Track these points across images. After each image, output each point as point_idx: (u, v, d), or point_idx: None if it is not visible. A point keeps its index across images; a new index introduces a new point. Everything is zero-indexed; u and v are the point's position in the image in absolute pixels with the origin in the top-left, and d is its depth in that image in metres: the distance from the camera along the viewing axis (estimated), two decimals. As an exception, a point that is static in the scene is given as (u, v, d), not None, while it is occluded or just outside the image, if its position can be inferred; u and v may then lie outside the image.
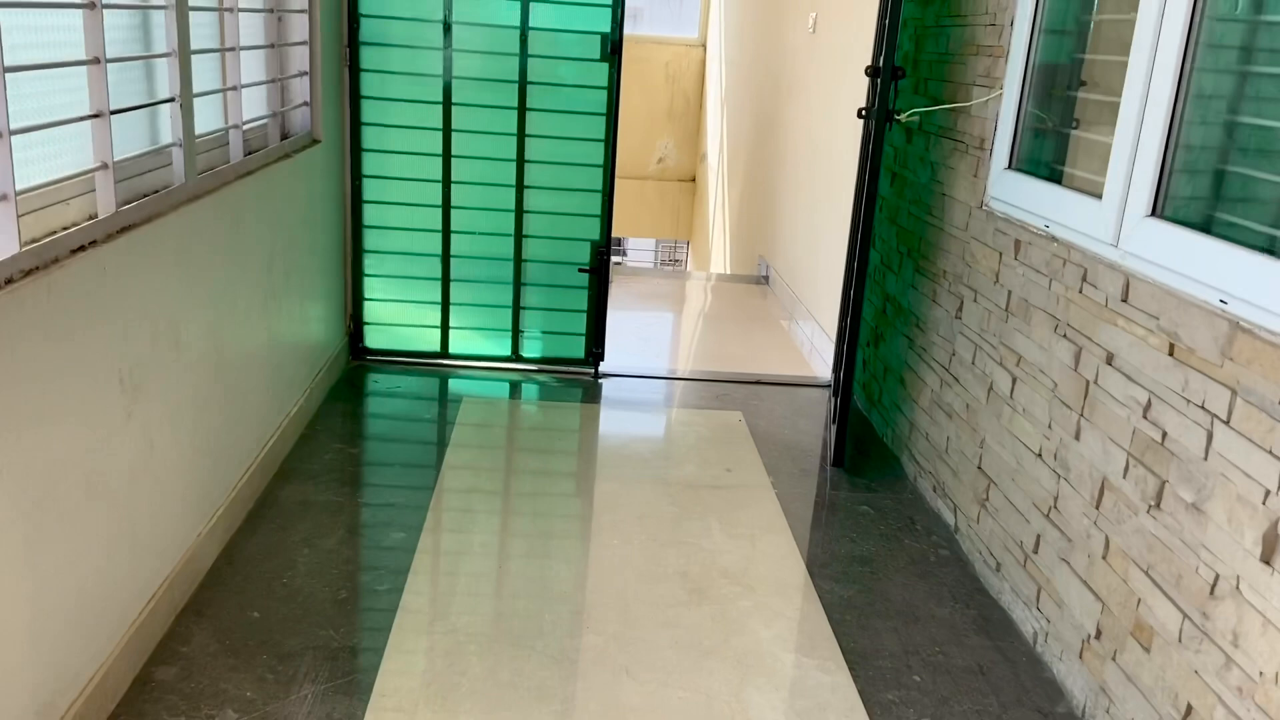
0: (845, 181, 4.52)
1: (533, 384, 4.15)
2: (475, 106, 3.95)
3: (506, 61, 3.92)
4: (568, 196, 4.07)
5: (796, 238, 5.44)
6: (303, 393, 3.47)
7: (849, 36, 4.61)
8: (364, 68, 3.89)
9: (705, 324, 5.32)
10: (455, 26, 3.86)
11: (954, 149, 3.14)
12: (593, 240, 4.11)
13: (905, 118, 3.12)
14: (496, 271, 4.14)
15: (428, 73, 3.91)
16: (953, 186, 3.13)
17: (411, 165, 4.00)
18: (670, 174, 9.81)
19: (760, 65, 6.69)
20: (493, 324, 4.21)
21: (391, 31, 3.87)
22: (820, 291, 4.89)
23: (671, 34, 10.08)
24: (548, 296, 4.18)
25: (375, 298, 4.13)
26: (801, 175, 5.39)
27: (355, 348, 4.16)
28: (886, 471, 3.46)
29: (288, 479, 3.08)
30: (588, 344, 4.22)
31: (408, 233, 4.08)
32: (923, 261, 3.37)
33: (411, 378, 4.08)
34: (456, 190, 4.03)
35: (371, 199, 4.03)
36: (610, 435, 3.67)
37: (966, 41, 3.09)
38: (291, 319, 3.31)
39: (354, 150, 3.95)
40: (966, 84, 3.08)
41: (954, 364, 3.05)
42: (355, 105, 3.91)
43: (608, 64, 3.91)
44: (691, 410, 3.93)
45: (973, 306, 2.94)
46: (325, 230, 3.74)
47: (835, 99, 4.80)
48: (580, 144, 4.01)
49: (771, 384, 4.27)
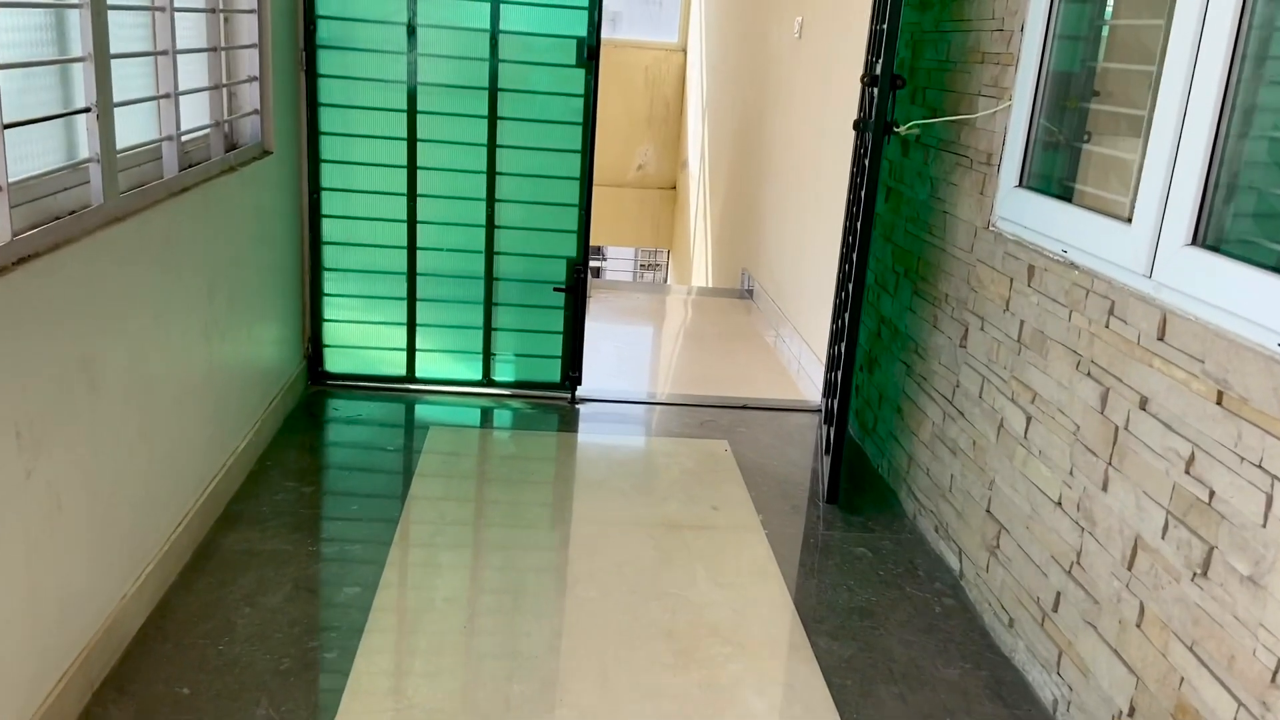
0: (834, 194, 4.29)
1: (505, 410, 3.89)
2: (443, 115, 3.69)
3: (476, 67, 3.66)
4: (542, 211, 3.81)
5: (782, 252, 5.22)
6: (253, 425, 3.19)
7: (837, 42, 4.39)
8: (322, 73, 3.62)
9: (687, 342, 5.08)
10: (420, 29, 3.60)
11: (956, 164, 2.92)
12: (569, 257, 3.86)
13: (905, 130, 2.89)
14: (466, 290, 3.88)
15: (391, 79, 3.64)
16: (955, 204, 2.91)
17: (374, 177, 3.74)
18: (650, 181, 9.58)
19: (743, 71, 6.46)
20: (462, 346, 3.95)
21: (351, 34, 3.61)
22: (807, 309, 4.66)
23: (651, 38, 9.85)
24: (521, 317, 3.92)
25: (335, 319, 3.86)
26: (787, 186, 5.16)
27: (314, 372, 3.89)
28: (884, 508, 3.23)
29: (232, 524, 2.80)
30: (564, 367, 3.97)
31: (370, 249, 3.81)
32: (921, 283, 3.15)
33: (374, 404, 3.81)
34: (423, 204, 3.77)
35: (331, 213, 3.75)
36: (588, 468, 3.42)
37: (970, 48, 2.87)
38: (239, 345, 3.03)
39: (312, 161, 3.68)
40: (970, 94, 2.85)
41: (958, 396, 2.82)
42: (312, 113, 3.64)
43: (584, 70, 3.67)
44: (675, 439, 3.68)
45: (979, 335, 2.71)
46: (279, 247, 3.47)
47: (823, 107, 4.58)
48: (556, 155, 3.76)
49: (758, 409, 4.04)
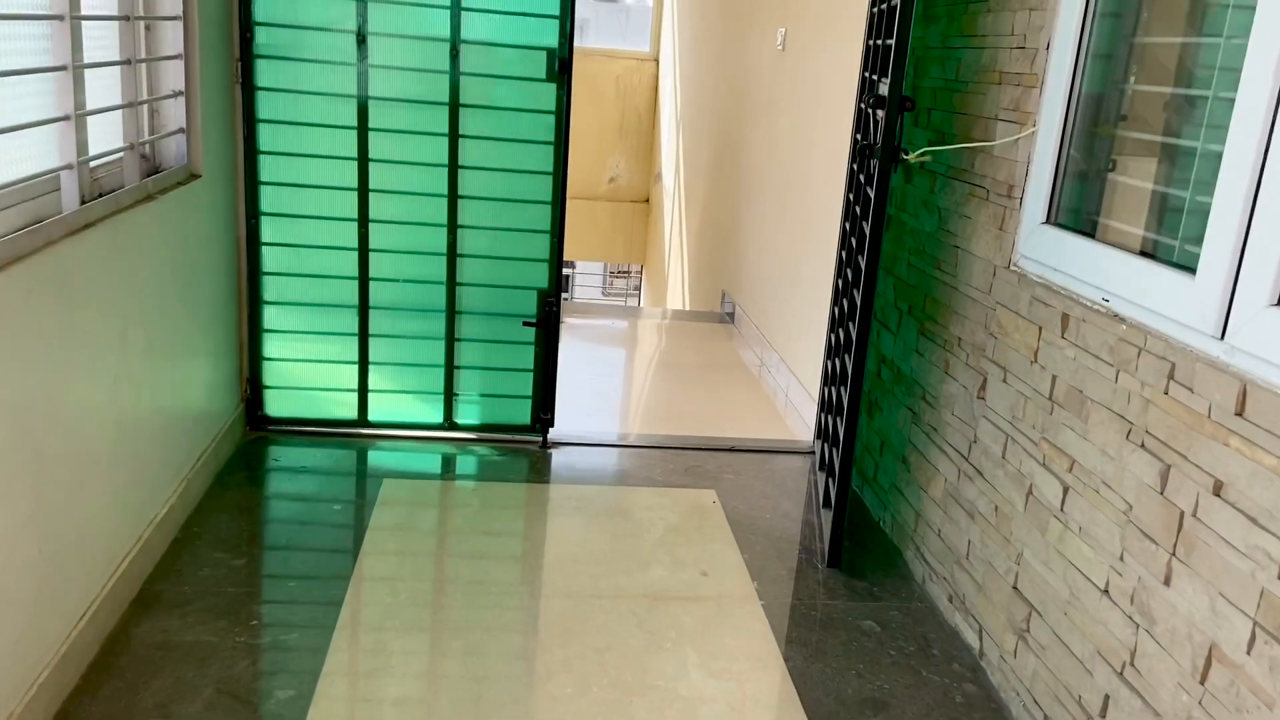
0: (825, 217, 4.00)
1: (469, 456, 3.55)
2: (398, 133, 3.34)
3: (435, 80, 3.32)
4: (510, 238, 3.47)
5: (766, 275, 4.92)
6: (177, 486, 2.82)
7: (826, 56, 4.10)
8: (260, 86, 3.25)
9: (667, 373, 4.76)
10: (371, 38, 3.25)
11: (970, 195, 2.63)
12: (539, 288, 3.52)
13: (916, 158, 2.60)
14: (425, 325, 3.52)
15: (339, 92, 3.29)
16: (969, 239, 2.62)
17: (320, 201, 3.38)
18: (622, 194, 9.26)
19: (721, 83, 6.17)
20: (421, 386, 3.60)
21: (293, 43, 3.25)
22: (796, 339, 4.36)
23: (622, 46, 9.54)
24: (487, 354, 3.58)
25: (278, 356, 3.49)
26: (771, 206, 4.87)
27: (253, 416, 3.51)
28: (889, 569, 2.92)
29: (148, 609, 2.43)
30: (534, 409, 3.63)
31: (317, 280, 3.45)
32: (929, 324, 2.85)
33: (322, 451, 3.45)
34: (376, 231, 3.41)
35: (272, 241, 3.39)
36: (562, 527, 3.08)
37: (984, 67, 2.58)
38: (160, 394, 2.66)
39: (249, 184, 3.31)
40: (985, 118, 2.56)
41: (976, 454, 2.52)
42: (250, 130, 3.27)
43: (555, 84, 3.34)
44: (658, 489, 3.35)
45: (1001, 388, 2.41)
46: (211, 280, 3.10)
47: (810, 125, 4.29)
48: (524, 177, 3.43)
49: (747, 451, 3.72)
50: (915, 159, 2.59)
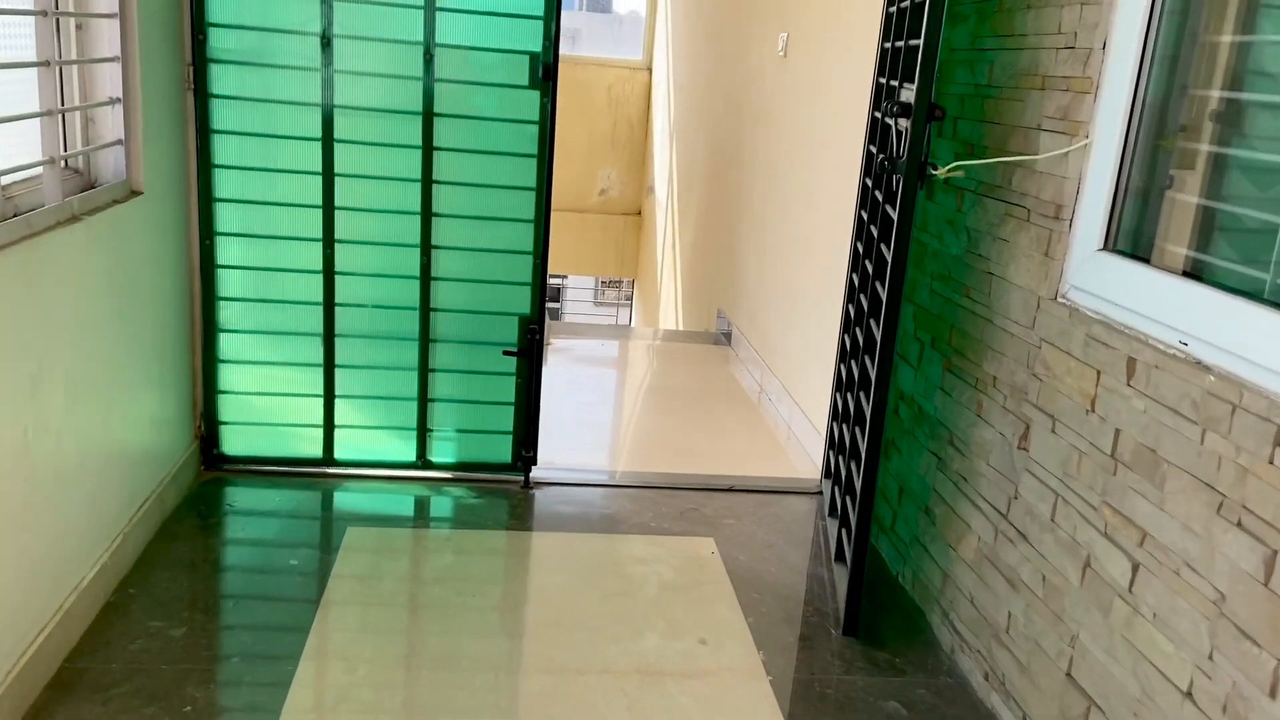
0: (832, 236, 3.70)
1: (445, 498, 3.22)
2: (366, 145, 3.03)
3: (407, 87, 3.00)
4: (489, 260, 3.16)
5: (766, 296, 4.62)
6: (112, 540, 2.49)
7: (834, 61, 3.81)
8: (215, 93, 2.94)
9: (660, 401, 4.44)
10: (337, 41, 2.94)
11: (1007, 215, 2.33)
12: (521, 315, 3.21)
13: (947, 173, 2.30)
14: (397, 355, 3.21)
15: (302, 100, 2.97)
16: (1006, 265, 2.32)
17: (282, 219, 3.06)
18: (614, 206, 8.97)
19: (717, 92, 5.88)
20: (392, 421, 3.27)
21: (251, 46, 2.93)
22: (799, 367, 4.06)
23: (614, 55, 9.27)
24: (464, 386, 3.26)
25: (235, 389, 3.16)
26: (771, 222, 4.57)
27: (208, 455, 3.18)
28: (913, 636, 2.61)
29: (66, 693, 2.10)
30: (515, 445, 3.31)
31: (278, 306, 3.13)
32: (957, 358, 2.55)
33: (283, 493, 3.12)
34: (343, 252, 3.10)
35: (227, 263, 3.07)
36: (545, 585, 2.76)
37: (1023, 71, 2.29)
38: (87, 439, 2.34)
39: (203, 201, 3.00)
40: (1024, 128, 2.27)
41: (1018, 512, 2.22)
42: (203, 142, 2.96)
43: (539, 92, 3.03)
44: (651, 538, 3.04)
45: (1049, 439, 2.11)
46: (157, 307, 2.78)
47: (815, 135, 3.99)
48: (505, 193, 3.12)
49: (748, 491, 3.41)
50: (945, 174, 2.29)
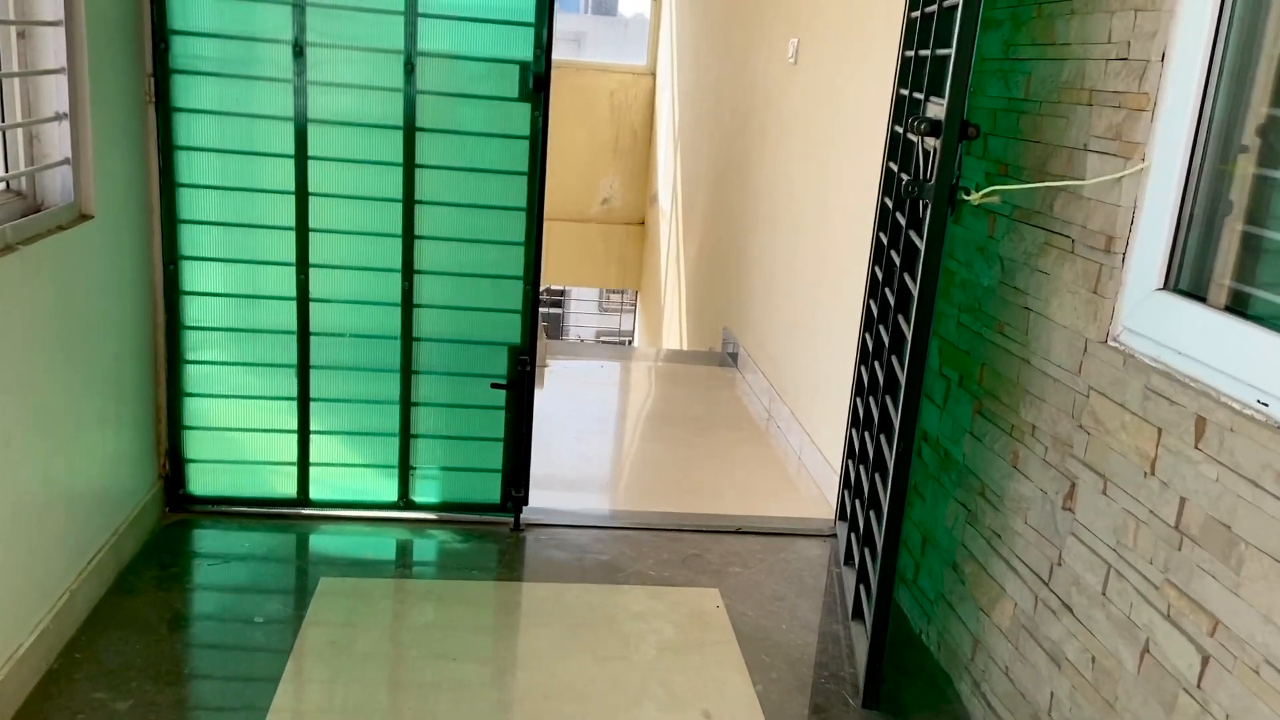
0: (846, 256, 3.46)
1: (428, 541, 2.99)
2: (343, 162, 2.80)
3: (387, 100, 2.78)
4: (476, 286, 2.93)
5: (774, 317, 4.38)
6: (56, 600, 2.26)
7: (847, 69, 3.58)
8: (178, 106, 2.71)
9: (662, 430, 4.20)
10: (311, 49, 2.71)
11: (1047, 245, 2.09)
12: (511, 344, 2.98)
13: (981, 198, 2.06)
14: (377, 387, 2.98)
15: (273, 114, 2.75)
16: (1047, 301, 2.08)
17: (252, 242, 2.83)
18: (616, 216, 8.73)
19: (723, 100, 5.65)
20: (372, 458, 3.04)
21: (218, 56, 2.71)
22: (810, 395, 3.82)
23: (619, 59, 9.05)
24: (449, 420, 3.03)
25: (202, 425, 2.93)
26: (780, 239, 4.33)
27: (173, 495, 2.95)
28: (939, 706, 2.36)
29: (-11, 788, 1.87)
30: (505, 484, 3.07)
31: (249, 335, 2.90)
32: (989, 401, 2.31)
33: (254, 537, 2.89)
34: (318, 277, 2.87)
35: (194, 289, 2.84)
36: (534, 646, 2.52)
37: (1066, 84, 2.05)
38: (24, 488, 2.11)
39: (167, 223, 2.77)
40: (1067, 148, 2.03)
41: (1062, 581, 1.97)
42: (167, 160, 2.73)
43: (530, 104, 2.80)
44: (651, 588, 2.80)
45: (1099, 501, 1.87)
46: (114, 338, 2.55)
47: (827, 148, 3.76)
48: (493, 214, 2.88)
49: (756, 534, 3.17)
50: (980, 200, 2.05)
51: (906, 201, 2.54)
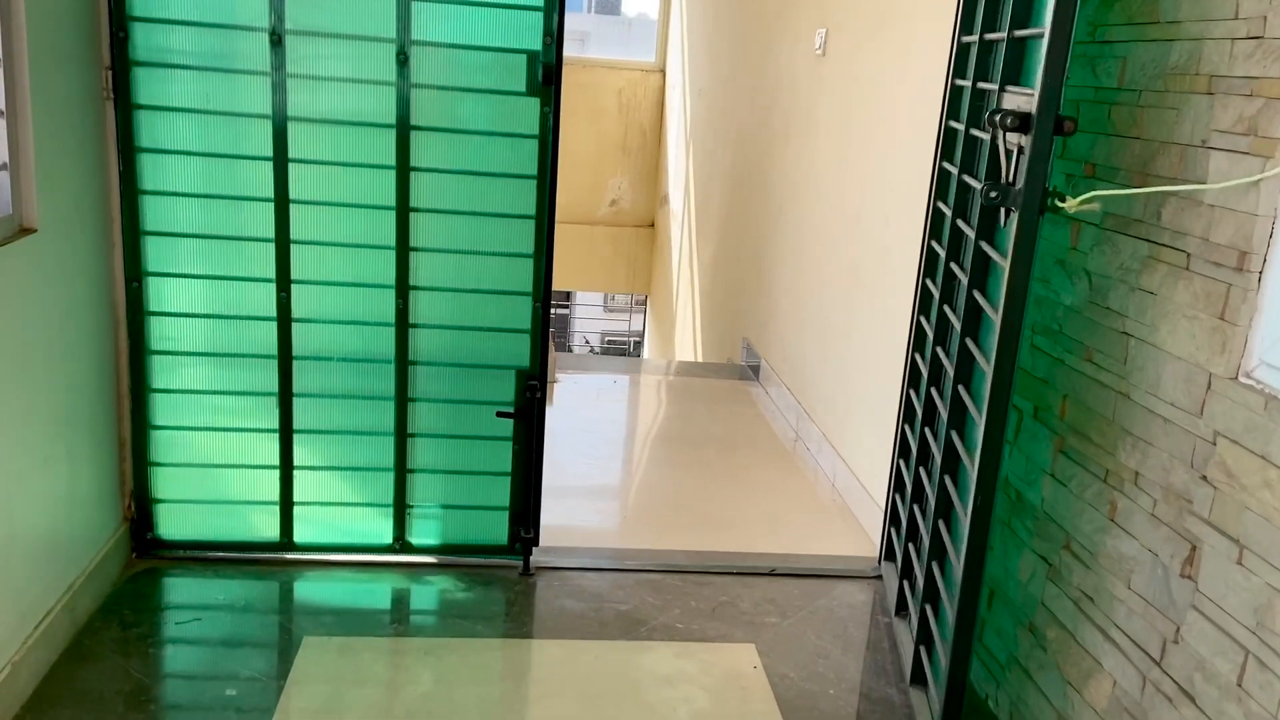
0: (888, 266, 3.14)
1: (426, 588, 2.68)
2: (328, 165, 2.49)
3: (377, 95, 2.46)
4: (479, 303, 2.61)
5: (802, 330, 4.06)
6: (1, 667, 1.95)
7: (885, 58, 3.26)
8: (141, 103, 2.40)
9: (680, 453, 3.88)
10: (291, 38, 2.40)
11: (1152, 259, 1.77)
12: (519, 368, 2.66)
13: (1079, 205, 1.73)
14: (368, 417, 2.66)
15: (248, 111, 2.44)
16: (1155, 326, 1.76)
17: (227, 256, 2.52)
18: (625, 218, 8.42)
19: (740, 96, 5.33)
20: (364, 496, 2.73)
21: (185, 45, 2.40)
22: (844, 414, 3.50)
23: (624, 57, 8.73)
24: (449, 453, 2.71)
25: (172, 461, 2.62)
26: (808, 245, 4.01)
27: (141, 540, 2.64)
28: (1014, 791, 2.04)
29: None
30: (512, 524, 2.76)
31: (224, 360, 2.59)
32: (1075, 439, 1.98)
33: (231, 585, 2.58)
34: (301, 295, 2.56)
35: (161, 309, 2.53)
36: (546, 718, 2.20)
37: (1176, 69, 1.73)
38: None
39: (129, 234, 2.46)
40: (1178, 144, 1.71)
41: (1180, 662, 1.65)
42: (128, 163, 2.42)
43: (539, 99, 2.48)
44: (679, 645, 2.48)
45: (1231, 571, 1.55)
46: (61, 366, 2.24)
47: (862, 145, 3.43)
48: (498, 223, 2.57)
49: (792, 575, 2.85)
50: (1078, 208, 1.73)
51: (970, 206, 2.23)
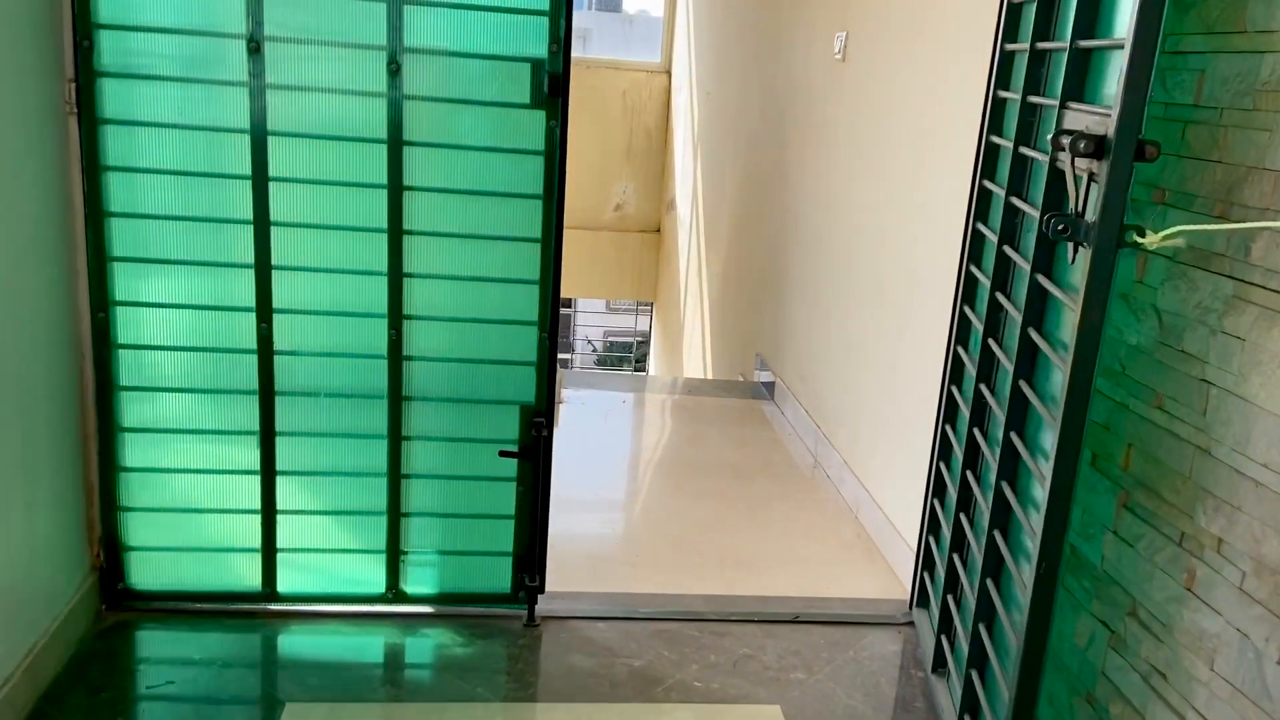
0: (917, 287, 2.93)
1: (423, 643, 2.47)
2: (312, 184, 2.28)
3: (366, 107, 2.25)
4: (479, 334, 2.41)
5: (821, 349, 3.85)
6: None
7: (912, 66, 3.05)
8: (107, 117, 2.19)
9: (692, 482, 3.67)
10: (270, 45, 2.19)
11: (1238, 299, 1.56)
12: (524, 403, 2.45)
13: (1162, 240, 1.52)
14: (359, 457, 2.45)
15: (224, 126, 2.23)
16: (1243, 377, 1.55)
17: (203, 283, 2.31)
18: (630, 223, 8.21)
19: (751, 100, 5.12)
20: (354, 542, 2.52)
21: (155, 54, 2.19)
22: (867, 441, 3.29)
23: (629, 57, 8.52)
24: (448, 495, 2.50)
25: (144, 505, 2.41)
26: (827, 259, 3.80)
27: (110, 591, 2.44)
28: None
29: None
30: (517, 571, 2.55)
31: (201, 396, 2.38)
32: (1143, 494, 1.78)
33: (211, 639, 2.38)
34: (284, 325, 2.35)
35: (131, 341, 2.32)
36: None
37: (1266, 85, 1.52)
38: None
39: (94, 261, 2.25)
40: (1271, 171, 1.50)
41: (1276, 762, 1.45)
42: (93, 184, 2.21)
43: (544, 111, 2.27)
44: (698, 706, 2.27)
45: (1347, 667, 1.34)
46: (23, 405, 2.03)
47: (888, 159, 3.22)
48: (499, 247, 2.36)
49: (816, 623, 2.64)
50: (1160, 244, 1.52)
51: (1019, 231, 2.02)
